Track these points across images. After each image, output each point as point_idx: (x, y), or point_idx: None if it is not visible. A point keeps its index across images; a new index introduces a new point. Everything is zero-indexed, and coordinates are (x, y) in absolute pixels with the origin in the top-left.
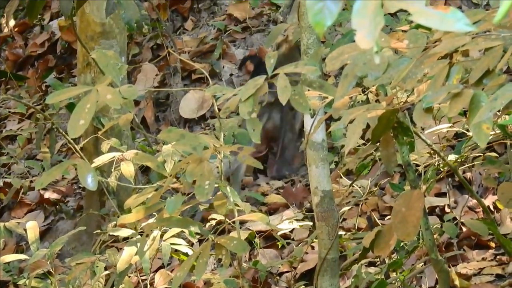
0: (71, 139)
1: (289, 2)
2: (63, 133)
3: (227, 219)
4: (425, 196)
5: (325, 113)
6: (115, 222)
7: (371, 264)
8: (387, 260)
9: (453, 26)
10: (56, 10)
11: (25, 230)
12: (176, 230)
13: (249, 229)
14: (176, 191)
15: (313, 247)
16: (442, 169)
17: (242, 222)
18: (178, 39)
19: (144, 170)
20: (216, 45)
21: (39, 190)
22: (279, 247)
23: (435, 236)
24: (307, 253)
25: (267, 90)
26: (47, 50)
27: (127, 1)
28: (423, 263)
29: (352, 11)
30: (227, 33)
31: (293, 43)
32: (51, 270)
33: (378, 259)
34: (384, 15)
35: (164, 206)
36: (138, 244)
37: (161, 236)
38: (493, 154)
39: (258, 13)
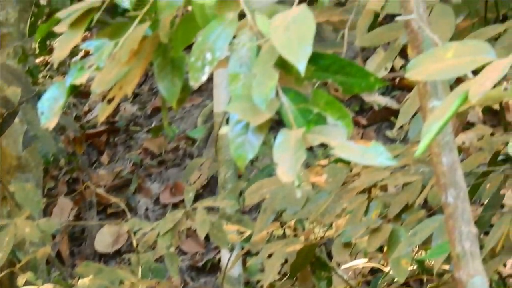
0: None
1: (205, 137)
2: None
3: None
4: None
5: (243, 247)
6: None
7: None
8: None
9: (374, 160)
10: None
11: None
12: None
13: None
14: None
15: None
16: None
17: None
18: (93, 173)
19: None
20: (132, 179)
21: None
22: None
23: None
24: None
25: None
26: None
27: (44, 134)
28: None
29: (274, 145)
30: (142, 167)
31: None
32: None
33: None
34: None
35: None
36: None
37: None
38: None
39: (174, 147)
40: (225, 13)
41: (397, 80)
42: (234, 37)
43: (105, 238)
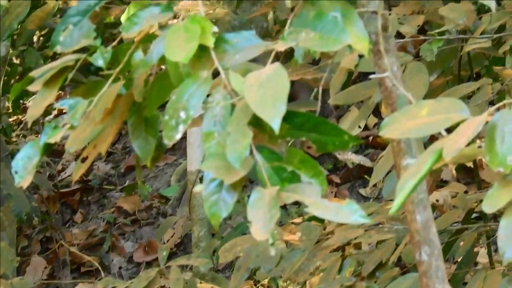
0: None
1: (179, 195)
2: None
3: None
4: None
5: None
6: None
7: None
8: None
9: (348, 218)
10: None
11: None
12: None
13: None
14: None
15: None
16: None
17: None
18: (67, 232)
19: None
20: (105, 237)
21: None
22: None
23: None
24: None
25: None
26: None
27: (18, 193)
28: None
29: (248, 203)
30: (116, 225)
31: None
32: None
33: None
34: None
35: None
36: None
37: None
38: None
39: (148, 205)
40: (199, 72)
41: (371, 138)
42: (208, 95)
43: None
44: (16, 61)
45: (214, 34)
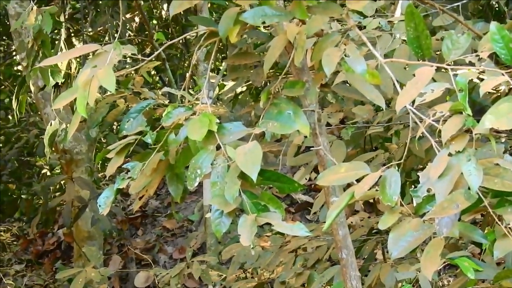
0: None
1: (199, 219)
2: None
3: None
4: None
5: (221, 284)
6: None
7: None
8: None
9: (299, 232)
10: (61, 223)
11: None
12: None
13: None
14: None
15: None
16: None
17: None
18: (133, 241)
19: None
20: (156, 244)
21: None
22: None
23: None
24: None
25: None
26: (56, 247)
27: (103, 218)
28: None
29: (239, 223)
30: (162, 237)
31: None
32: None
33: None
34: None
35: None
36: None
37: None
38: None
39: (180, 225)
40: (208, 146)
41: (313, 185)
42: (213, 160)
43: (140, 279)
44: (103, 140)
45: (217, 124)
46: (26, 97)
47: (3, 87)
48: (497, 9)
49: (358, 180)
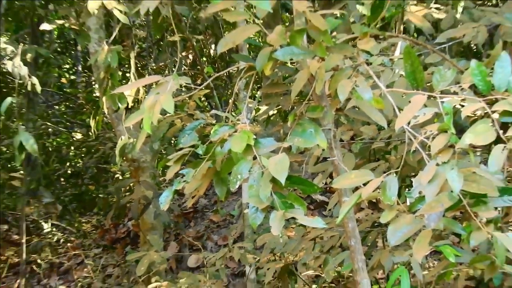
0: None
1: (239, 214)
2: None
3: None
4: None
5: (256, 265)
6: None
7: None
8: None
9: (317, 225)
10: (130, 216)
11: None
12: None
13: None
14: None
15: None
16: None
17: None
18: (187, 231)
19: None
20: (204, 234)
21: None
22: None
23: None
24: None
25: None
26: (126, 235)
27: (163, 213)
28: None
29: (270, 217)
30: (209, 228)
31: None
32: None
33: None
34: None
35: None
36: None
37: None
38: None
39: (224, 219)
40: (247, 156)
41: (328, 187)
42: (251, 167)
43: (192, 261)
44: (163, 151)
45: (254, 139)
46: (102, 118)
47: (84, 109)
48: (475, 50)
49: (364, 184)
